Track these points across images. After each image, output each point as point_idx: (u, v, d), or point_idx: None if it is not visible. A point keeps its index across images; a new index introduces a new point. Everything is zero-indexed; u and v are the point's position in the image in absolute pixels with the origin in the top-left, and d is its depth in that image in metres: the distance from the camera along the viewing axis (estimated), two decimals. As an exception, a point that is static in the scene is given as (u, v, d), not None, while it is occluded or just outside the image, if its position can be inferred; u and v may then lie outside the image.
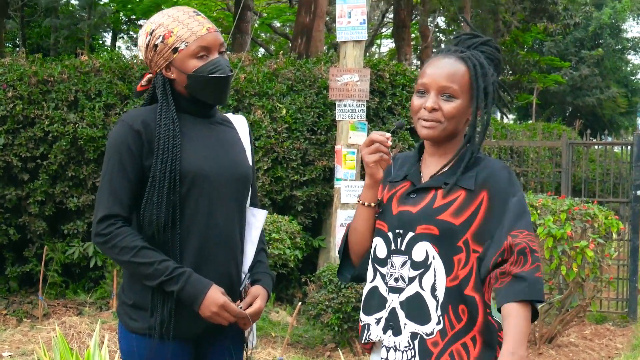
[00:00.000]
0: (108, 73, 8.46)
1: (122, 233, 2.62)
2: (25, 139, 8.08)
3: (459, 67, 2.51)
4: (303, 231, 8.29)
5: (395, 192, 2.58)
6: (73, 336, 6.57)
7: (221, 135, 2.82)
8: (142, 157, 2.66)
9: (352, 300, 6.53)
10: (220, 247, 2.73)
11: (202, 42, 2.70)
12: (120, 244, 2.60)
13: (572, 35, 29.82)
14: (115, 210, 2.64)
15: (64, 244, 8.35)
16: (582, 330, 8.29)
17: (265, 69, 9.05)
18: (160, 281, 2.59)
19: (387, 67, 9.08)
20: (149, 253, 2.60)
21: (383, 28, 29.25)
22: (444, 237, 2.45)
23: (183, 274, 2.59)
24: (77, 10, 18.22)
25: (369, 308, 2.60)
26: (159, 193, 2.64)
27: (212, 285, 2.62)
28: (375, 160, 2.49)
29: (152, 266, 2.59)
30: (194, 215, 2.68)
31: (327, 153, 8.56)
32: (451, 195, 2.48)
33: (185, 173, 2.66)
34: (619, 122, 33.65)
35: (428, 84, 2.51)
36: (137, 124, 2.67)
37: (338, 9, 7.77)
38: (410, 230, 2.49)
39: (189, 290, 2.59)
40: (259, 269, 2.85)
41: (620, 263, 9.24)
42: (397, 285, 2.50)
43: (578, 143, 10.73)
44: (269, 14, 24.82)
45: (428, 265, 2.46)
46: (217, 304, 2.59)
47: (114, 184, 2.66)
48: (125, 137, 2.67)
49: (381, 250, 2.56)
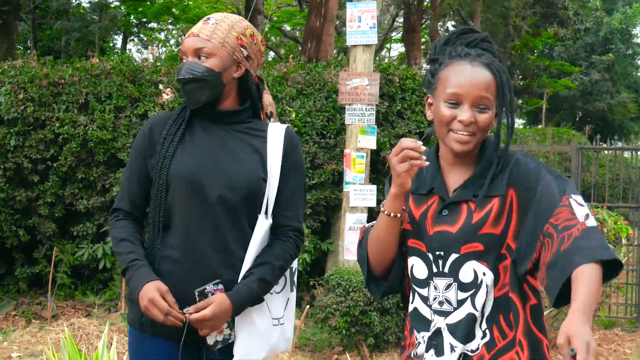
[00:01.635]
0: (119, 76, 8.48)
1: (117, 225, 2.82)
2: (35, 140, 8.12)
3: (487, 75, 2.37)
4: (311, 234, 8.30)
5: (428, 209, 2.46)
6: (82, 337, 6.60)
7: (232, 144, 2.80)
8: (145, 158, 2.82)
9: (360, 303, 6.53)
10: (209, 251, 2.72)
11: (181, 48, 2.81)
12: (112, 234, 2.83)
13: (583, 40, 29.76)
14: (120, 205, 2.86)
15: (73, 246, 8.37)
16: (591, 335, 8.27)
17: (275, 72, 9.06)
18: (122, 270, 2.73)
19: (396, 71, 9.08)
20: (125, 244, 2.76)
21: (393, 32, 29.27)
22: (489, 250, 2.37)
23: (135, 265, 2.70)
24: (88, 12, 18.29)
25: (417, 327, 2.50)
26: (154, 194, 2.78)
27: (153, 280, 2.65)
28: (406, 169, 2.30)
29: (121, 256, 2.75)
30: (180, 218, 2.75)
31: (336, 157, 8.57)
32: (486, 206, 2.38)
33: (173, 177, 2.73)
34: (629, 128, 33.55)
35: (462, 95, 2.36)
36: (147, 126, 2.85)
37: (348, 13, 7.78)
38: (454, 252, 2.39)
39: (134, 281, 2.68)
40: (246, 280, 2.74)
41: (630, 268, 9.21)
42: (442, 308, 2.41)
43: (588, 148, 10.71)
44: (279, 18, 24.86)
45: (479, 284, 2.38)
46: (147, 297, 2.61)
47: (124, 180, 2.90)
48: (136, 139, 2.88)
49: (420, 271, 2.47)
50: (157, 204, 2.75)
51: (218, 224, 2.73)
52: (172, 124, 2.81)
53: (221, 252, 2.74)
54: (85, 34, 17.35)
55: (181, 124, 2.80)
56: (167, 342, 2.75)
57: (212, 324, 2.67)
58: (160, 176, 2.73)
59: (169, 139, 2.78)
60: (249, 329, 2.78)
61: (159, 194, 2.75)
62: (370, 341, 6.67)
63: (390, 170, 2.39)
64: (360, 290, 6.56)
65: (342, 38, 21.69)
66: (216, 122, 2.83)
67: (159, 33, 27.89)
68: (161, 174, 2.73)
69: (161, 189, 2.74)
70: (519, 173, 2.39)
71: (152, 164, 2.78)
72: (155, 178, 2.75)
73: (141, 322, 2.76)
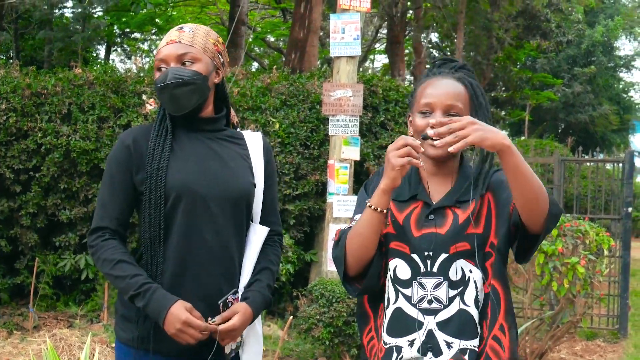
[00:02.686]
0: (102, 86, 8.46)
1: (106, 246, 2.67)
2: (18, 151, 8.08)
3: (458, 86, 2.56)
4: (295, 245, 8.30)
5: (410, 213, 2.57)
6: (64, 349, 6.56)
7: (219, 151, 2.81)
8: (132, 172, 2.71)
9: (343, 314, 6.53)
10: (210, 262, 2.71)
11: (159, 55, 2.75)
12: (102, 256, 2.66)
13: (565, 52, 29.91)
14: (103, 223, 2.72)
15: (55, 256, 8.33)
16: (573, 346, 8.30)
17: (258, 83, 9.07)
18: (130, 295, 2.61)
19: (380, 82, 9.12)
20: (124, 266, 2.63)
21: (376, 43, 29.33)
22: (475, 249, 2.49)
23: (149, 289, 2.59)
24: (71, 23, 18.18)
25: (397, 330, 2.54)
26: (148, 208, 2.68)
27: (177, 301, 2.59)
28: (403, 164, 2.36)
29: (124, 280, 2.62)
30: (180, 230, 2.69)
31: (319, 167, 8.58)
32: (468, 209, 2.52)
33: (170, 189, 2.67)
34: (611, 139, 33.72)
35: (433, 103, 2.52)
36: (129, 139, 2.75)
37: (332, 25, 7.80)
38: (443, 252, 2.51)
39: (153, 306, 2.58)
40: (254, 287, 2.78)
41: (611, 280, 9.26)
42: (431, 307, 2.50)
43: (570, 160, 10.77)
44: (263, 29, 24.88)
45: (467, 281, 2.50)
46: (180, 320, 2.55)
47: (104, 197, 2.75)
48: (115, 153, 2.76)
49: (403, 272, 2.55)
50: (156, 218, 2.67)
51: (220, 233, 2.73)
52: (157, 135, 2.73)
53: (224, 261, 2.74)
54: (68, 44, 17.25)
55: (166, 134, 2.73)
56: (167, 358, 2.72)
57: (236, 334, 2.70)
58: (157, 189, 2.66)
59: (158, 150, 2.70)
60: (256, 335, 2.84)
61: (157, 208, 2.67)
62: (354, 352, 6.66)
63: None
64: (344, 301, 6.57)
65: (325, 49, 21.72)
66: (199, 131, 2.80)
67: (142, 43, 27.80)
68: (157, 186, 2.66)
69: (159, 202, 2.67)
70: (496, 179, 2.58)
71: (141, 178, 2.70)
72: (150, 191, 2.67)
73: (141, 338, 2.68)
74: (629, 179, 9.08)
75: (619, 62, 33.55)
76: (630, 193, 9.03)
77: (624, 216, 9.01)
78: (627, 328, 8.95)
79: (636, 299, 11.70)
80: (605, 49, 31.07)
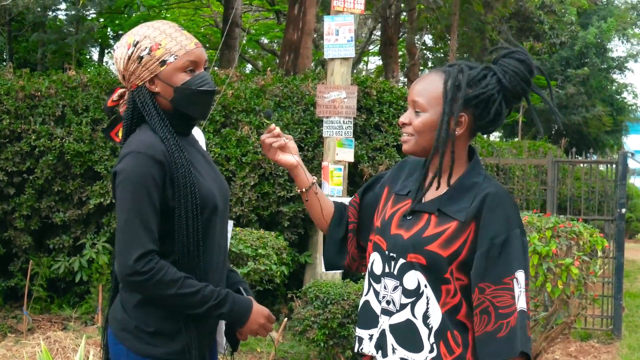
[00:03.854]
0: (95, 88, 8.46)
1: (163, 267, 2.56)
2: (11, 153, 8.07)
3: (433, 81, 2.50)
4: (289, 247, 8.29)
5: (398, 210, 2.56)
6: (58, 351, 6.55)
7: (205, 155, 2.85)
8: (164, 188, 2.62)
9: (337, 316, 6.52)
10: (223, 266, 2.80)
11: (191, 57, 2.67)
12: (165, 279, 2.54)
13: (558, 54, 29.97)
14: (151, 246, 2.56)
15: (49, 259, 8.33)
16: (567, 347, 8.32)
17: (252, 85, 9.07)
18: (209, 306, 2.58)
19: (374, 84, 9.12)
20: (192, 282, 2.59)
21: (370, 45, 29.34)
22: (432, 268, 2.41)
23: (227, 295, 2.64)
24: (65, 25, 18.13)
25: (363, 322, 2.59)
26: (186, 223, 2.63)
27: (253, 300, 2.72)
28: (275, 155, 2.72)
29: (198, 294, 2.57)
30: (211, 240, 2.71)
31: (314, 169, 8.58)
32: (442, 225, 2.43)
33: (205, 201, 2.66)
34: (604, 141, 33.78)
35: (408, 99, 2.55)
36: (159, 154, 2.60)
37: (326, 27, 7.81)
38: (402, 257, 2.47)
39: (237, 310, 2.65)
40: (236, 278, 2.91)
41: (605, 280, 9.27)
42: (388, 307, 2.50)
43: (563, 161, 10.78)
44: (257, 31, 24.86)
45: (420, 294, 2.43)
46: (264, 314, 2.70)
47: (145, 219, 2.57)
48: (149, 170, 2.58)
49: (377, 267, 2.56)
50: (194, 231, 2.63)
51: (223, 237, 2.80)
52: (174, 147, 2.64)
53: (226, 263, 2.85)
54: (62, 47, 17.22)
55: (180, 145, 2.67)
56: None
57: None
58: (193, 202, 2.61)
59: (184, 162, 2.63)
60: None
61: (194, 220, 2.62)
62: (348, 354, 6.66)
63: None
64: (338, 303, 6.56)
65: (319, 51, 21.72)
66: (182, 134, 2.77)
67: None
68: (193, 199, 2.61)
69: (196, 214, 2.62)
70: (487, 211, 2.41)
71: (169, 193, 2.62)
72: (185, 205, 2.60)
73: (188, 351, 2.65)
74: (622, 180, 9.10)
75: (612, 64, 33.60)
76: (624, 194, 9.05)
77: (618, 217, 9.03)
78: (621, 329, 8.97)
79: (630, 300, 11.72)
80: (598, 50, 31.13)
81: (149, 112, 2.69)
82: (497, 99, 2.46)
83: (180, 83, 2.66)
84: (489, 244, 2.36)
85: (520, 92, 2.51)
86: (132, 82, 2.72)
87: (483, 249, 2.36)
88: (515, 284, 2.35)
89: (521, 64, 2.50)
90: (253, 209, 8.40)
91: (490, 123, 2.50)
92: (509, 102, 2.52)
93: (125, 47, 2.70)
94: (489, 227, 2.38)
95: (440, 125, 2.44)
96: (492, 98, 2.46)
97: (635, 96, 36.06)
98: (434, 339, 2.41)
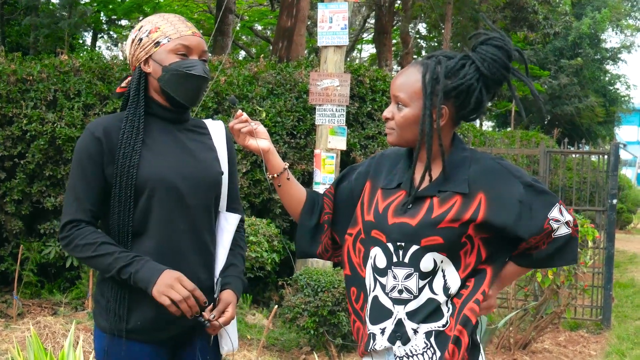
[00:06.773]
0: (88, 73, 8.42)
1: (84, 232, 2.65)
2: (2, 137, 8.04)
3: (412, 74, 2.52)
4: (281, 234, 8.29)
5: (392, 202, 2.56)
6: (47, 336, 6.54)
7: (190, 142, 2.83)
8: (103, 165, 2.68)
9: (328, 304, 6.54)
10: (188, 253, 2.73)
11: (184, 41, 2.73)
12: (81, 242, 2.64)
13: (552, 44, 30.00)
14: (78, 216, 2.68)
15: (40, 244, 8.31)
16: (557, 336, 8.35)
17: (245, 72, 9.05)
18: (119, 267, 2.59)
19: (367, 72, 9.11)
20: (110, 247, 2.63)
21: (364, 33, 29.34)
22: (449, 242, 2.44)
23: (142, 259, 2.61)
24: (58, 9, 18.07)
25: (374, 318, 2.57)
26: (119, 202, 2.67)
27: (169, 269, 2.62)
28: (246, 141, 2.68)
29: (112, 256, 2.60)
30: (157, 223, 2.69)
31: (306, 157, 8.58)
32: (447, 203, 2.47)
33: (144, 182, 2.66)
34: (596, 132, 33.89)
35: (390, 93, 2.57)
36: (99, 131, 2.69)
37: (319, 14, 7.79)
38: (414, 244, 2.46)
39: (145, 271, 2.58)
40: (232, 271, 2.85)
41: (595, 271, 9.31)
42: (401, 297, 2.49)
43: (555, 151, 10.79)
44: (251, 17, 24.81)
45: (436, 271, 2.47)
46: (174, 276, 2.58)
47: (77, 190, 2.69)
48: (86, 145, 2.69)
49: (380, 260, 2.54)
50: (125, 211, 2.66)
51: (196, 225, 2.76)
52: (129, 127, 2.71)
53: (201, 253, 2.78)
54: (55, 31, 17.18)
55: (139, 126, 2.71)
56: (157, 347, 2.74)
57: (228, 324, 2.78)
58: (129, 182, 2.64)
59: (130, 142, 2.68)
60: (233, 321, 2.85)
61: (127, 201, 2.65)
62: (339, 341, 6.68)
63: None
64: (329, 291, 6.58)
65: (313, 38, 21.69)
66: (173, 123, 2.82)
67: (129, 30, 27.72)
68: (129, 179, 2.64)
69: (129, 195, 2.65)
70: (488, 178, 2.50)
71: (111, 171, 2.67)
72: (121, 184, 2.65)
73: (126, 329, 2.67)
74: (614, 171, 9.12)
75: (605, 55, 33.67)
76: (615, 185, 9.07)
77: (609, 208, 9.05)
78: (610, 319, 9.00)
79: (620, 291, 11.77)
80: (592, 41, 31.17)
81: (129, 91, 2.78)
82: (476, 87, 2.49)
83: (169, 63, 2.72)
84: (514, 209, 2.48)
85: (501, 78, 2.55)
86: (132, 63, 2.81)
87: (513, 217, 2.47)
88: (553, 223, 2.54)
89: (499, 50, 2.53)
90: (245, 196, 8.39)
91: (472, 111, 2.54)
92: (490, 89, 2.56)
93: (133, 32, 2.83)
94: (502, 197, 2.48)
95: (422, 120, 2.48)
96: (471, 87, 2.48)
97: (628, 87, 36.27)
98: (451, 302, 2.49)
